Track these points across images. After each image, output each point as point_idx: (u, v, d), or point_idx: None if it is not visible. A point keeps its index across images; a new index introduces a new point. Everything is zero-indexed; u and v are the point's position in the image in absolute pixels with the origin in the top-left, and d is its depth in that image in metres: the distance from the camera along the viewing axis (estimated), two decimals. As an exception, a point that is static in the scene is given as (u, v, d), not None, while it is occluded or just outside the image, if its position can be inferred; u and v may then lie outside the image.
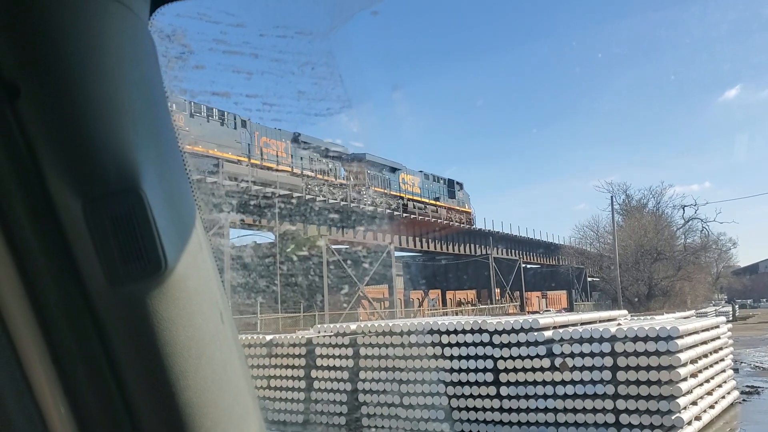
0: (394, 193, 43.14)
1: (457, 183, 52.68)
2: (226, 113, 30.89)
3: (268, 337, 12.79)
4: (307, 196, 34.44)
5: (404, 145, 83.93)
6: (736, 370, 14.82)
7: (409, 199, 44.73)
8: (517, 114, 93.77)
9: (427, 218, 45.03)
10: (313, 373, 11.66)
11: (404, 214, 42.34)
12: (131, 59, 0.89)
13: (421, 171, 48.30)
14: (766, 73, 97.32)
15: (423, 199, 46.84)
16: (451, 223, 48.32)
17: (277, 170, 33.27)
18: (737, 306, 60.41)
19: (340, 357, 11.46)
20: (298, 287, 32.64)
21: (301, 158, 35.56)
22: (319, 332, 12.26)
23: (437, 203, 48.72)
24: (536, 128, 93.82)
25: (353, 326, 11.86)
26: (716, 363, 11.82)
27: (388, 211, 40.26)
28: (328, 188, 36.22)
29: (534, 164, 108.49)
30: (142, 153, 0.87)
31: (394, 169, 43.80)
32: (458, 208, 51.30)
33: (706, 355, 11.01)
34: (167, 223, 0.87)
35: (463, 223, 51.30)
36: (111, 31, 0.87)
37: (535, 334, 10.01)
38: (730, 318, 32.61)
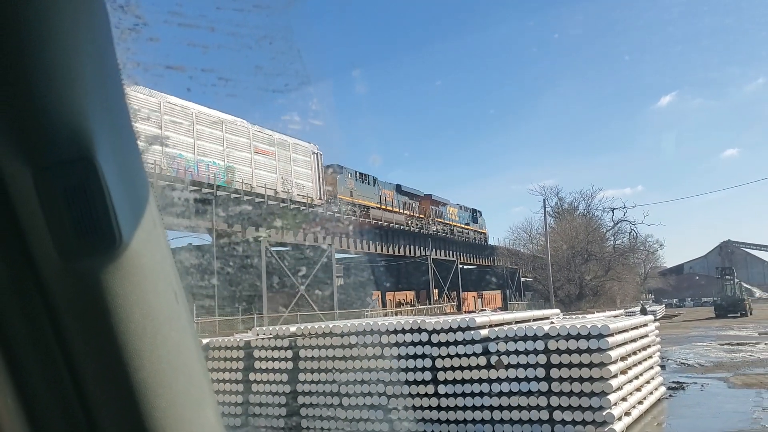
0: (448, 222, 59.47)
1: (477, 211, 68.12)
2: (369, 176, 46.66)
3: (205, 341, 12.53)
4: (399, 227, 50.39)
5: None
6: (663, 367, 15.40)
7: (453, 226, 60.43)
8: (456, 116, 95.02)
9: (363, 219, 45.81)
10: (252, 376, 11.49)
11: (347, 216, 42.78)
12: (84, 29, 0.84)
13: (457, 203, 63.38)
14: (699, 81, 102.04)
15: (460, 225, 62.49)
16: (390, 224, 48.91)
17: (391, 211, 49.12)
18: (663, 305, 62.88)
19: (279, 359, 11.35)
20: (236, 289, 32.37)
21: (402, 202, 51.84)
22: (257, 335, 12.10)
23: (468, 227, 64.28)
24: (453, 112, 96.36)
25: (293, 328, 11.76)
26: (645, 360, 12.24)
27: (329, 213, 40.68)
28: (410, 220, 52.23)
29: (474, 168, 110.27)
30: (96, 123, 0.82)
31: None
32: (479, 230, 67.42)
33: (635, 353, 11.40)
34: (121, 196, 0.82)
35: (480, 241, 67.23)
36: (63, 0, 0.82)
37: (472, 332, 10.15)
38: (657, 317, 33.96)
